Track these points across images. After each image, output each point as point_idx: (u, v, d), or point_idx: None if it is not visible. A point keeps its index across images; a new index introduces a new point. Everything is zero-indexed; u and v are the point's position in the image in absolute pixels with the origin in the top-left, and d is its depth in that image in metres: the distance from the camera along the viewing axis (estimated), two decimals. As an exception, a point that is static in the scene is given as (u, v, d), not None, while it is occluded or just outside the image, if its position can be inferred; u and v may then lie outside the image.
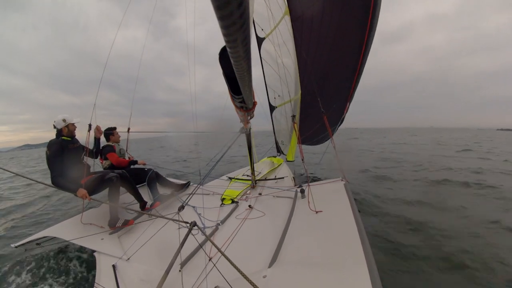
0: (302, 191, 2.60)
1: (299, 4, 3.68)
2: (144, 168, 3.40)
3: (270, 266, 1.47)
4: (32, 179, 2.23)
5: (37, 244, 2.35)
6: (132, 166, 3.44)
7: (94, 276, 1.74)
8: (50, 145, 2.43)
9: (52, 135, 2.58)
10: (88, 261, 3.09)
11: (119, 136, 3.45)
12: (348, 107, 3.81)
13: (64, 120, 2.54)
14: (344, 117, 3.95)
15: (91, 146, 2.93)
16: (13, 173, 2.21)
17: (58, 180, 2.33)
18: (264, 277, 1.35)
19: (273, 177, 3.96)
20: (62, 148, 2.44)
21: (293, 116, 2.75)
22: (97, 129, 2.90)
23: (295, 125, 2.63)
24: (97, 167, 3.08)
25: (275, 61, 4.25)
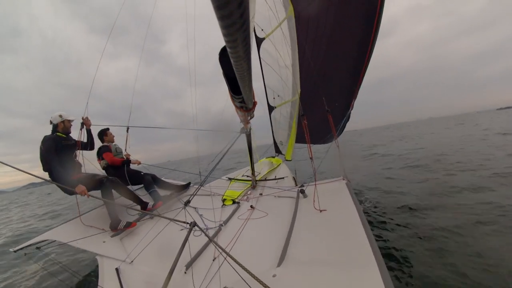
0: (303, 191, 2.59)
1: (304, 3, 3.67)
2: (140, 172, 3.39)
3: (278, 265, 1.46)
4: (31, 173, 2.19)
5: (37, 248, 2.29)
6: (128, 167, 3.43)
7: (96, 280, 1.72)
8: (45, 140, 2.45)
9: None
10: (90, 264, 3.08)
11: (113, 136, 3.49)
12: (353, 103, 3.79)
13: (60, 116, 2.59)
14: (350, 113, 3.93)
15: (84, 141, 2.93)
16: (10, 166, 2.18)
17: (57, 175, 2.32)
18: (274, 276, 1.34)
19: (273, 177, 3.96)
20: (56, 143, 2.46)
21: (302, 115, 2.72)
22: (86, 120, 2.85)
23: (304, 124, 2.61)
24: (93, 167, 3.07)
25: (276, 61, 4.24)
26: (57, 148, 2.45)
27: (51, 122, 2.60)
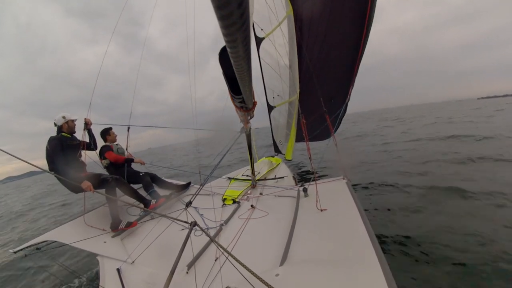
0: (305, 190, 2.59)
1: (302, 2, 3.70)
2: (139, 172, 3.40)
3: (281, 264, 1.46)
4: (38, 166, 2.18)
5: (37, 248, 2.26)
6: (128, 167, 3.44)
7: (97, 280, 1.72)
8: (51, 140, 2.53)
9: (36, 163, 2.63)
10: (91, 265, 3.07)
11: (116, 136, 3.52)
12: (351, 92, 3.81)
13: (64, 117, 2.66)
14: (347, 105, 3.95)
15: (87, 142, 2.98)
16: (17, 157, 2.16)
17: (64, 173, 2.37)
18: (277, 275, 1.33)
19: (273, 176, 3.95)
20: (62, 143, 2.53)
21: (301, 114, 2.73)
22: (88, 120, 2.89)
23: (303, 122, 2.61)
24: (97, 167, 3.08)
25: (275, 60, 4.24)
26: (63, 148, 2.51)
27: (55, 124, 2.66)
